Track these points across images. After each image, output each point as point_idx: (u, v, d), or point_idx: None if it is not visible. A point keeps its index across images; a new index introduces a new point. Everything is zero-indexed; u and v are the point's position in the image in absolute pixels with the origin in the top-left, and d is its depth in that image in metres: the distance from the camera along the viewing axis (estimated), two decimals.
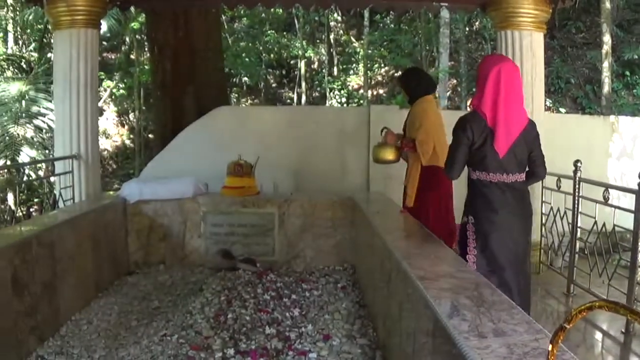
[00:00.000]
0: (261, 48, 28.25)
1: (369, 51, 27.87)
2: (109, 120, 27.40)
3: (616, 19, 23.14)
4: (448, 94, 24.78)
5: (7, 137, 18.37)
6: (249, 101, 29.24)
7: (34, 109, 19.28)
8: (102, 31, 10.40)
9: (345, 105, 27.47)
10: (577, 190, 7.75)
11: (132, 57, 26.11)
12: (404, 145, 7.44)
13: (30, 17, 22.89)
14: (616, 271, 7.21)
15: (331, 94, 28.20)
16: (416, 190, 7.47)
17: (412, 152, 7.41)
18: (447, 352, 3.27)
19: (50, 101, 17.86)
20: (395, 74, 26.56)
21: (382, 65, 27.99)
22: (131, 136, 27.36)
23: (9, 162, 17.78)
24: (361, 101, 27.08)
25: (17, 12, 24.46)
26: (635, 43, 23.36)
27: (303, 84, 28.03)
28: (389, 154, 7.67)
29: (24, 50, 25.20)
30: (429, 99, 7.70)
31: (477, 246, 5.63)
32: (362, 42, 28.86)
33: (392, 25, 29.51)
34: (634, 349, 6.44)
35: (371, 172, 10.07)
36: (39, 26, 23.69)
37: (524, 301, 5.54)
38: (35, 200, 19.61)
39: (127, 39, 26.31)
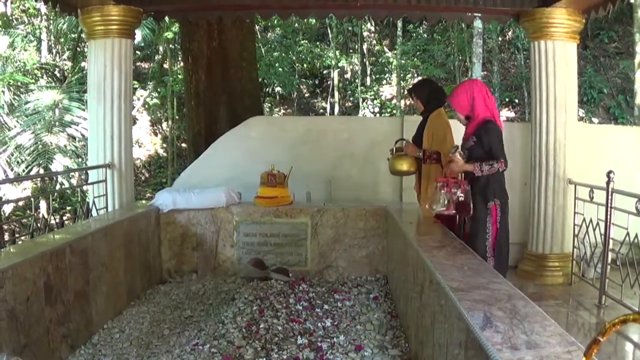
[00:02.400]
0: (294, 58, 28.31)
1: (402, 61, 27.82)
2: (142, 129, 27.53)
3: None
4: None
5: (40, 146, 18.51)
6: (282, 111, 29.29)
7: (68, 117, 19.43)
8: (136, 41, 10.41)
9: (378, 115, 27.45)
10: (609, 201, 7.67)
11: (166, 66, 26.26)
12: (426, 157, 7.40)
13: (64, 26, 23.10)
14: None
15: (364, 103, 28.20)
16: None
17: (435, 164, 7.37)
18: None
19: (84, 110, 18.01)
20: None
21: (415, 75, 27.90)
22: (164, 145, 27.49)
23: (42, 171, 17.88)
24: (394, 111, 27.06)
25: (51, 21, 24.65)
26: None
27: (336, 94, 28.04)
28: (407, 166, 7.66)
29: (57, 59, 25.39)
30: (443, 112, 7.70)
31: (500, 223, 6.66)
32: (395, 52, 28.85)
33: (425, 35, 29.53)
34: None
35: (404, 182, 10.03)
36: (73, 35, 23.88)
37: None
38: (68, 208, 19.74)
39: (161, 49, 26.47)
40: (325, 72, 29.75)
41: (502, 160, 6.46)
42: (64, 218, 16.49)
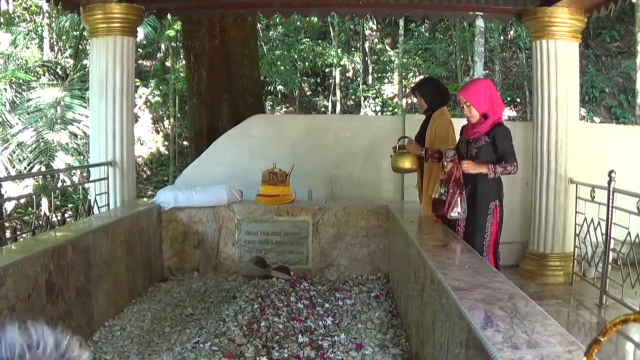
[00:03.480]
0: (296, 56, 28.22)
1: (404, 60, 27.77)
2: (143, 127, 27.51)
3: None
4: None
5: (42, 143, 18.49)
6: (284, 109, 29.25)
7: (69, 115, 19.40)
8: (138, 38, 10.43)
9: (379, 113, 27.43)
10: (611, 200, 7.66)
11: (168, 64, 26.22)
12: (428, 155, 7.39)
13: (66, 24, 23.05)
14: None
15: (366, 102, 28.15)
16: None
17: (437, 163, 7.35)
18: None
19: (86, 107, 17.96)
20: None
21: (417, 73, 27.86)
22: (166, 143, 27.47)
23: (44, 168, 17.88)
24: (396, 110, 27.03)
25: (53, 19, 24.66)
26: None
27: (338, 92, 27.97)
28: (409, 163, 7.65)
29: (59, 57, 25.38)
30: (446, 110, 7.70)
31: (499, 222, 6.78)
32: (397, 50, 28.77)
33: (427, 34, 29.48)
34: None
35: (406, 181, 10.04)
36: (75, 33, 23.84)
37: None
38: (70, 206, 19.72)
39: (163, 47, 26.46)
40: (327, 70, 29.67)
41: (515, 163, 6.53)
42: (66, 215, 16.53)
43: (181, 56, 23.69)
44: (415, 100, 8.57)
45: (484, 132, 6.67)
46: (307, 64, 29.00)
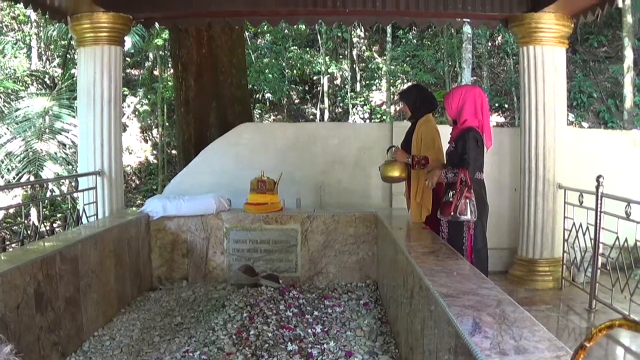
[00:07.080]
0: (284, 64, 28.29)
1: (392, 67, 27.83)
2: (132, 136, 27.47)
3: (638, 32, 22.81)
4: None
5: (30, 153, 18.44)
6: (272, 117, 29.26)
7: (58, 124, 19.34)
8: (126, 48, 10.42)
9: (368, 121, 27.49)
10: (599, 205, 7.68)
11: (156, 73, 26.21)
12: (415, 162, 7.40)
13: (54, 33, 23.03)
14: (638, 286, 7.10)
15: (354, 109, 28.21)
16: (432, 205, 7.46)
17: (424, 170, 7.36)
18: None
19: (74, 117, 17.95)
20: None
21: (405, 80, 27.90)
22: (154, 152, 27.44)
23: (32, 178, 17.83)
24: (384, 117, 27.06)
25: (41, 28, 24.63)
26: None
27: (326, 100, 28.01)
28: (398, 172, 7.66)
29: (47, 66, 25.34)
30: (432, 117, 7.72)
31: (475, 230, 6.88)
32: (384, 57, 28.83)
33: (415, 41, 29.54)
34: None
35: (394, 188, 10.04)
36: (63, 42, 23.85)
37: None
38: (59, 216, 19.67)
39: (151, 56, 26.42)
40: (315, 78, 29.73)
41: (464, 168, 6.58)
42: (55, 225, 16.46)
43: (169, 65, 23.72)
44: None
45: (453, 138, 6.87)
46: (295, 71, 29.06)
